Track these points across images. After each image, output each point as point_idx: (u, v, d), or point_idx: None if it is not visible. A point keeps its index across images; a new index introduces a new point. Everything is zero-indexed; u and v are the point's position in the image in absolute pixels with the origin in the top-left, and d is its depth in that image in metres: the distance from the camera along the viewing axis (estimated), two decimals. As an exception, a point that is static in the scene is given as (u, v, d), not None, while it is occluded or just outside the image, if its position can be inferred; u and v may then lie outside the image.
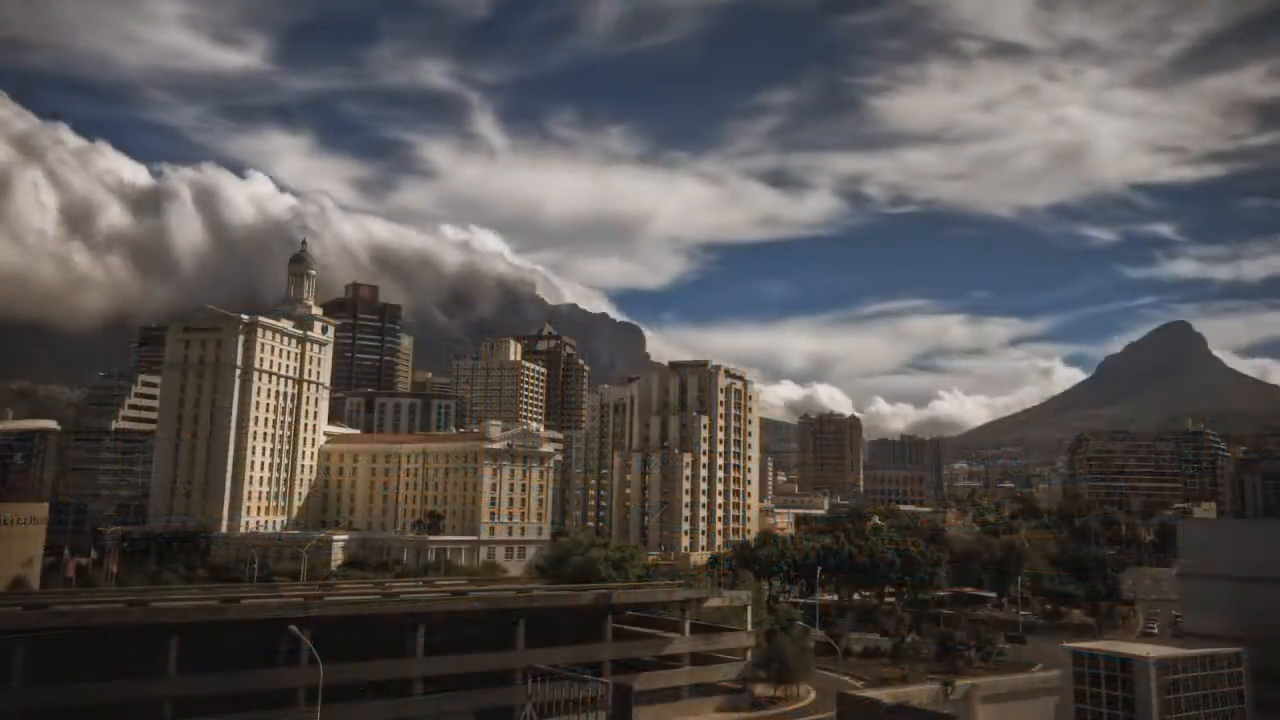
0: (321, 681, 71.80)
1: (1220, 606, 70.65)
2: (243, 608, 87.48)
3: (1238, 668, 64.50)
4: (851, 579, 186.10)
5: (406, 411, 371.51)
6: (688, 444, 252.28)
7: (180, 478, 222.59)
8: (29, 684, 74.21)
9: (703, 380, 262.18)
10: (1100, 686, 62.58)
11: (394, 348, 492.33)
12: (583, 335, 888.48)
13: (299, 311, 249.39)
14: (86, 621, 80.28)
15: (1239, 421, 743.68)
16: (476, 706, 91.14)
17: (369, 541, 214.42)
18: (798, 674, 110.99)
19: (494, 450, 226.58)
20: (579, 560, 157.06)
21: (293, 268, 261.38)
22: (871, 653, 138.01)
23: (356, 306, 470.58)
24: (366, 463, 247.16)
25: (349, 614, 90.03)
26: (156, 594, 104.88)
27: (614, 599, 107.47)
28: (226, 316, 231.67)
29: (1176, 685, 61.62)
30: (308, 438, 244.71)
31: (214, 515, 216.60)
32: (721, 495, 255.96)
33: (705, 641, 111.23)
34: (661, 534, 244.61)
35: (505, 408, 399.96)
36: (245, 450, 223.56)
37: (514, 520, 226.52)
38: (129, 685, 78.13)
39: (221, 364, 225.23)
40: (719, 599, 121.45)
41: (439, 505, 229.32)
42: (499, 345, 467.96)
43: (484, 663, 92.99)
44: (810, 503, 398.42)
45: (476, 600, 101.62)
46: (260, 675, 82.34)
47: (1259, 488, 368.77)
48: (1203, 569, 74.62)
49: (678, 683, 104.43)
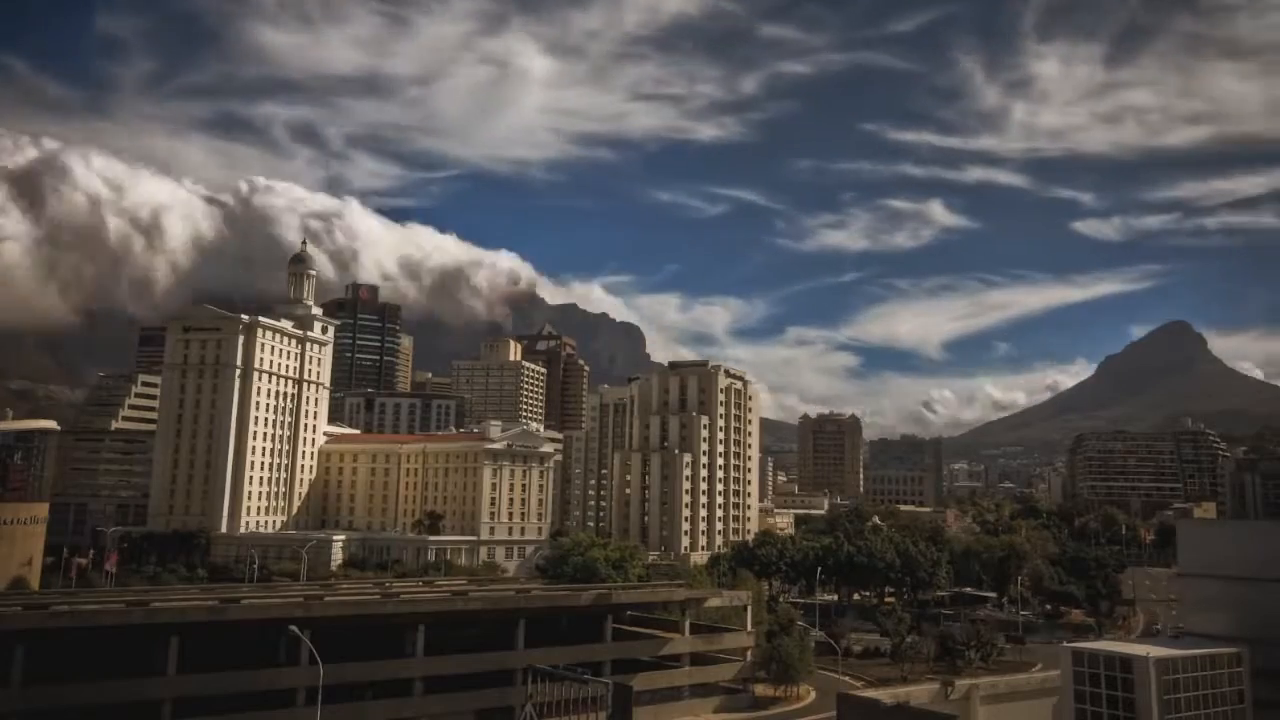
0: (321, 681, 71.75)
1: (1220, 606, 70.50)
2: (243, 608, 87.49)
3: (1238, 668, 64.44)
4: (851, 579, 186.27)
5: (406, 411, 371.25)
6: (688, 444, 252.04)
7: (180, 478, 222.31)
8: (29, 684, 74.20)
9: (703, 380, 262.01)
10: (1100, 686, 62.52)
11: (394, 348, 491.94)
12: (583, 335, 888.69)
13: (299, 311, 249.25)
14: (86, 621, 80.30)
15: (1239, 421, 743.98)
16: (476, 706, 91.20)
17: (369, 541, 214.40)
18: (798, 674, 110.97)
19: (494, 450, 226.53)
20: (579, 560, 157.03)
21: (293, 268, 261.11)
22: (871, 653, 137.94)
23: (357, 306, 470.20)
24: (366, 463, 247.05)
25: (349, 614, 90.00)
26: (156, 594, 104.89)
27: (614, 599, 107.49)
28: (226, 316, 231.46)
29: (1176, 685, 61.56)
30: (308, 438, 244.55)
31: (214, 515, 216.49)
32: (721, 495, 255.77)
33: (705, 642, 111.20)
34: (661, 534, 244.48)
35: (505, 408, 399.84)
36: (245, 450, 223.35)
37: (514, 520, 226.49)
38: (129, 685, 78.14)
39: (221, 364, 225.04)
40: (719, 599, 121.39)
41: (439, 505, 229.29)
42: (499, 345, 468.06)
43: (484, 663, 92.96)
44: (810, 503, 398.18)
45: (476, 600, 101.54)
46: (260, 675, 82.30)
47: (1259, 488, 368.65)
48: (1203, 569, 74.47)
49: (678, 683, 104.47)
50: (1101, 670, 62.74)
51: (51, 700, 74.33)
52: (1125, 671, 61.69)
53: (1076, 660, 64.69)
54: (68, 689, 75.35)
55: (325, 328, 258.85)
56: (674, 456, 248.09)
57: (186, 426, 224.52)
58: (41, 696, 74.20)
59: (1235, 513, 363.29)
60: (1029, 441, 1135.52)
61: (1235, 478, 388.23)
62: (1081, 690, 63.54)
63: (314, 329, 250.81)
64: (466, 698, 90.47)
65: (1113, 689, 61.88)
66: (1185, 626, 76.10)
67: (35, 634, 76.34)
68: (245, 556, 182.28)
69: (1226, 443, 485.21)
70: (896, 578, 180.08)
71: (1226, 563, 72.10)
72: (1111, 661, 62.71)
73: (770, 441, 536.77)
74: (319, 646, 74.46)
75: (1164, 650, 64.83)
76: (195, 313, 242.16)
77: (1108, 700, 61.95)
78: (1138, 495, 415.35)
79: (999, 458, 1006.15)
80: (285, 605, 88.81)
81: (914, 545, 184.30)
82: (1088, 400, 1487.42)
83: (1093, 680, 62.99)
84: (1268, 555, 70.57)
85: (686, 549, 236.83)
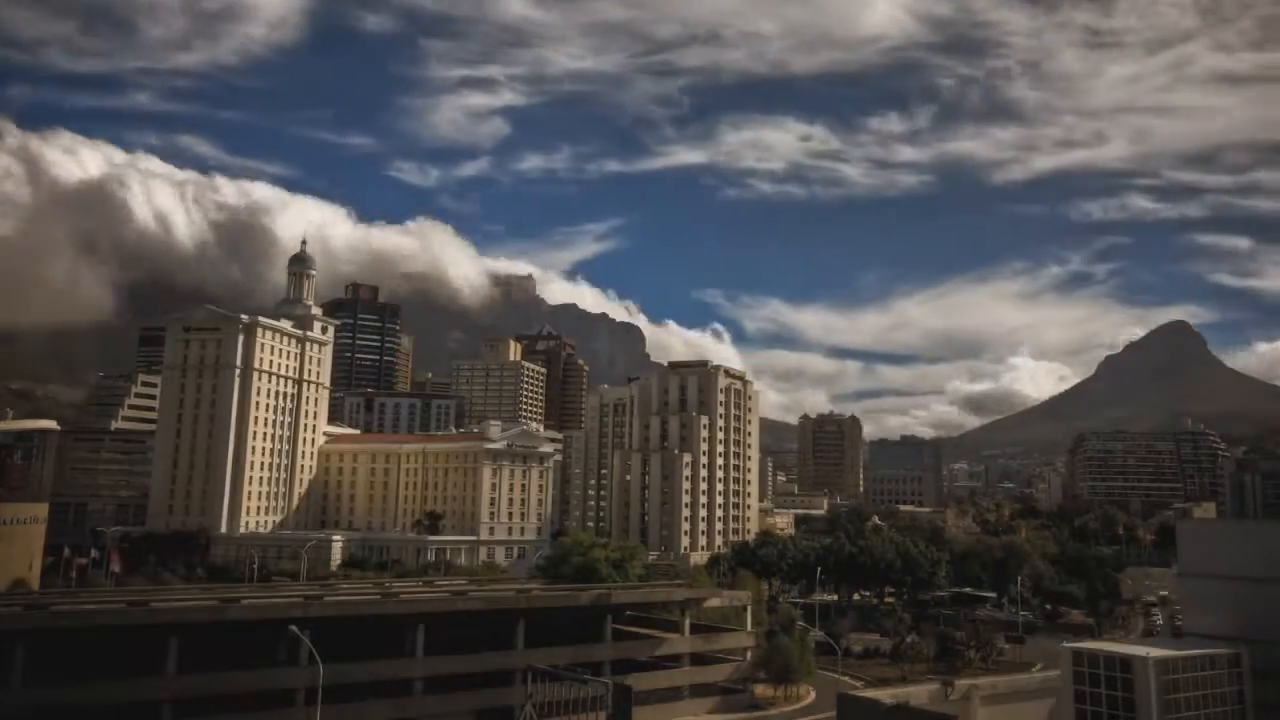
0: (321, 681, 71.77)
1: (1220, 606, 70.43)
2: (243, 608, 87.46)
3: (1238, 668, 64.41)
4: (851, 579, 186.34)
5: (406, 411, 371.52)
6: (688, 444, 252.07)
7: (180, 478, 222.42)
8: (29, 684, 74.20)
9: (703, 380, 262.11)
10: (1100, 686, 62.48)
11: (394, 348, 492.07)
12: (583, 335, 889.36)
13: (299, 311, 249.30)
14: (86, 621, 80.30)
15: (1239, 421, 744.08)
16: (476, 706, 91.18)
17: (369, 541, 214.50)
18: (798, 674, 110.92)
19: (494, 450, 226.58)
20: (579, 560, 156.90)
21: (293, 268, 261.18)
22: (871, 653, 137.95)
23: (356, 306, 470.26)
24: (366, 463, 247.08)
25: (349, 614, 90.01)
26: (156, 594, 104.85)
27: (613, 599, 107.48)
28: (226, 316, 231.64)
29: (1176, 685, 61.51)
30: (307, 438, 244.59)
31: (214, 515, 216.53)
32: (721, 495, 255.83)
33: (705, 641, 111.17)
34: (661, 534, 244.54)
35: (505, 408, 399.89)
36: (245, 450, 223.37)
37: (514, 520, 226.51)
38: (129, 685, 78.14)
39: (221, 364, 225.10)
40: (719, 599, 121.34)
41: (439, 505, 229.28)
42: (499, 345, 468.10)
43: (484, 663, 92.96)
44: (810, 503, 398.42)
45: (476, 600, 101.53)
46: (260, 675, 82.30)
47: (1259, 488, 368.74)
48: (1203, 569, 74.38)
49: (678, 683, 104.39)
50: (1101, 670, 62.69)
51: (52, 700, 74.29)
52: (1125, 671, 61.65)
53: (1076, 660, 64.64)
54: (68, 689, 75.32)
55: (325, 328, 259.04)
56: (674, 456, 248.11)
57: (186, 426, 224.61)
58: (42, 696, 74.17)
59: (1235, 513, 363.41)
60: (1029, 441, 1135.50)
61: (1235, 478, 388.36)
62: (1081, 690, 63.50)
63: (314, 329, 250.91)
64: (466, 698, 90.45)
65: (1112, 689, 61.85)
66: (1185, 626, 76.08)
67: (35, 634, 76.34)
68: (245, 556, 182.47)
69: (1226, 443, 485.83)
70: (896, 578, 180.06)
71: (1226, 563, 72.04)
72: (1111, 661, 62.67)
73: (770, 441, 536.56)
74: (319, 646, 74.49)
75: (1164, 650, 64.82)
76: (195, 313, 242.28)
77: (1107, 700, 61.91)
78: (1138, 495, 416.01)
79: (999, 458, 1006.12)
80: (285, 605, 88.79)
81: (914, 545, 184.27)
82: (1088, 400, 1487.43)
83: (1092, 680, 62.96)
84: (1268, 555, 70.49)
85: (686, 549, 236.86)
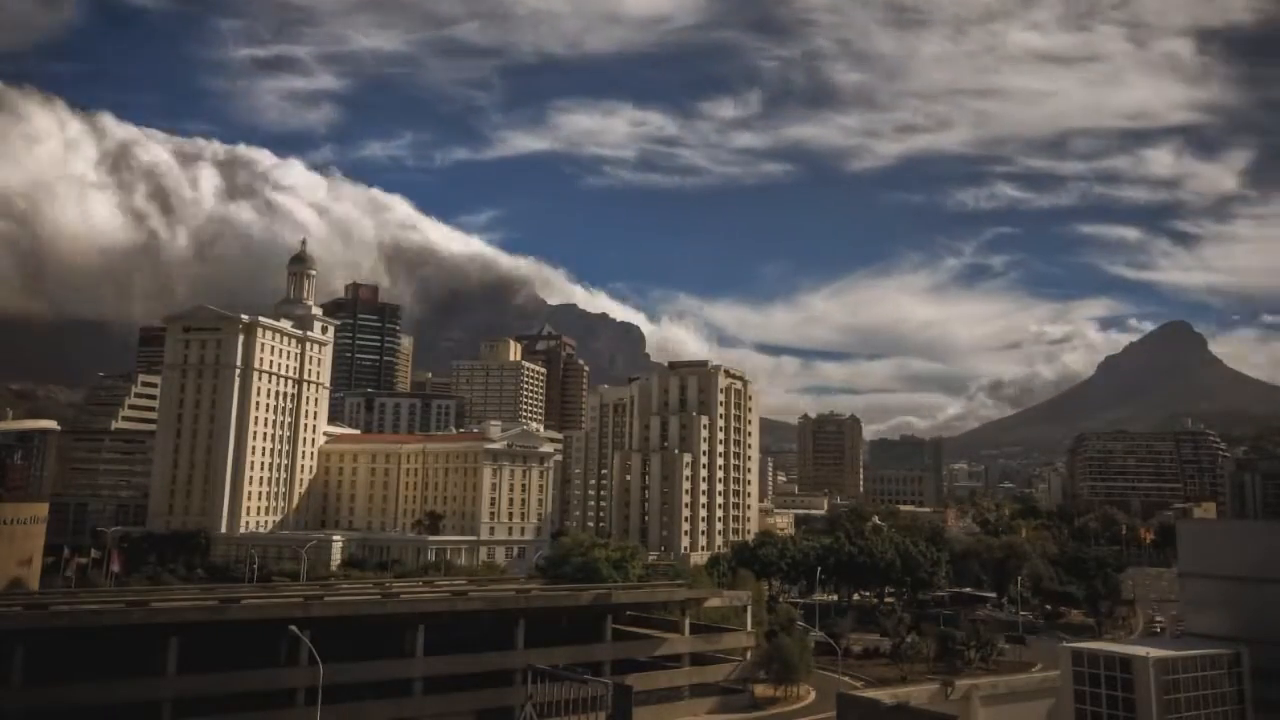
0: (321, 681, 71.77)
1: (1220, 606, 70.50)
2: (243, 608, 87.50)
3: (1238, 668, 64.48)
4: (851, 579, 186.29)
5: (406, 411, 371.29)
6: (688, 444, 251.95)
7: (180, 478, 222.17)
8: (29, 684, 74.20)
9: (703, 380, 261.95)
10: (1100, 686, 62.55)
11: (394, 348, 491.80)
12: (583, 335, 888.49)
13: (299, 311, 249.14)
14: (86, 621, 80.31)
15: (1239, 421, 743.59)
16: (476, 707, 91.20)
17: (369, 541, 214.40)
18: (798, 674, 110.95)
19: (494, 450, 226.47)
20: (579, 560, 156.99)
21: (293, 268, 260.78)
22: (871, 653, 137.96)
23: (356, 306, 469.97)
24: (366, 463, 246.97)
25: (349, 614, 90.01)
26: (156, 594, 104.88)
27: (613, 599, 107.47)
28: (226, 316, 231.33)
29: (1176, 685, 61.58)
30: (307, 438, 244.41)
31: (213, 515, 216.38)
32: (721, 495, 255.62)
33: (705, 641, 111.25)
34: (661, 534, 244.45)
35: (505, 408, 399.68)
36: (245, 450, 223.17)
37: (514, 520, 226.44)
38: (129, 685, 78.16)
39: (221, 364, 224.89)
40: (719, 599, 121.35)
41: (439, 505, 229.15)
42: (499, 345, 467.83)
43: (484, 663, 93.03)
44: (810, 503, 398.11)
45: (476, 600, 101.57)
46: (260, 675, 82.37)
47: (1259, 488, 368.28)
48: (1203, 569, 74.45)
49: (678, 683, 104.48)
50: (1101, 670, 62.79)
51: (52, 700, 74.36)
52: (1125, 671, 61.73)
53: (1076, 660, 64.75)
54: (68, 689, 75.35)
55: (325, 328, 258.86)
56: (674, 456, 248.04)
57: (186, 426, 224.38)
58: (42, 696, 74.23)
59: (1235, 513, 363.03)
60: (1029, 441, 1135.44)
61: (1235, 478, 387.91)
62: (1081, 690, 63.60)
63: (314, 329, 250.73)
64: (466, 698, 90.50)
65: (1112, 689, 61.93)
66: (1185, 626, 76.09)
67: (35, 634, 76.37)
68: (245, 557, 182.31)
69: (1226, 443, 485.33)
70: (896, 578, 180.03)
71: (1226, 563, 72.10)
72: (1111, 661, 62.76)
73: (770, 441, 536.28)
74: (319, 646, 74.47)
75: (1163, 650, 64.87)
76: (195, 313, 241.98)
77: (1107, 700, 61.99)
78: (1138, 495, 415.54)
79: (999, 458, 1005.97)
80: (285, 605, 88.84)
81: (914, 545, 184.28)
82: (1088, 400, 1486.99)
83: (1092, 680, 63.05)
84: (1268, 555, 70.55)
85: (686, 549, 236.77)
